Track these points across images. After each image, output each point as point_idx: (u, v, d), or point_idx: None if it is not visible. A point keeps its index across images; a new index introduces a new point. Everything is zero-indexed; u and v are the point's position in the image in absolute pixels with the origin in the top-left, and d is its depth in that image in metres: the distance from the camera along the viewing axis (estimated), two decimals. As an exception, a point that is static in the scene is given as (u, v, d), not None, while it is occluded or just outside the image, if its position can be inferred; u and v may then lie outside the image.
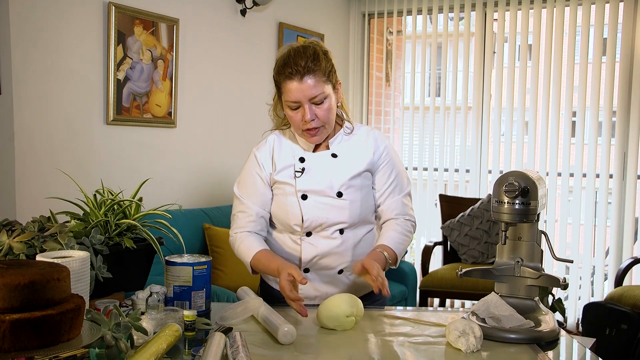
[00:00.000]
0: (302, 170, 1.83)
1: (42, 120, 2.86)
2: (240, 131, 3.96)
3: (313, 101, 1.73)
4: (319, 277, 1.87)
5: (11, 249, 1.47)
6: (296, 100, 1.74)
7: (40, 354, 1.07)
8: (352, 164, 1.84)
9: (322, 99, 1.74)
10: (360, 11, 5.16)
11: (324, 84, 1.74)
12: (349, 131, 1.89)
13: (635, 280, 4.37)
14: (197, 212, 3.51)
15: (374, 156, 1.87)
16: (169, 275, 1.69)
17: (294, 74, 1.72)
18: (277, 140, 1.91)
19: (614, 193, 4.36)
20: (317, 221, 1.81)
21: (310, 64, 1.72)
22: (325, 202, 1.81)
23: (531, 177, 1.58)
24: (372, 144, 1.88)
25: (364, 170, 1.85)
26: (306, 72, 1.71)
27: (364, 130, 1.91)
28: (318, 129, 1.78)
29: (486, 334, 1.49)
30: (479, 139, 4.76)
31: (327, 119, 1.78)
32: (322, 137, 1.82)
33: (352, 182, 1.83)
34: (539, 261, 1.66)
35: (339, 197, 1.81)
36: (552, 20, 4.46)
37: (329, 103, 1.77)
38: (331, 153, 1.86)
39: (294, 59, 1.73)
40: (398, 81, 5.39)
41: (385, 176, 1.88)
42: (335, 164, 1.84)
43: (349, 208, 1.82)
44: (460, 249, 4.21)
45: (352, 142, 1.88)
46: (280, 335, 1.45)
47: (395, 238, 1.82)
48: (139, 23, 3.26)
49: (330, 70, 1.77)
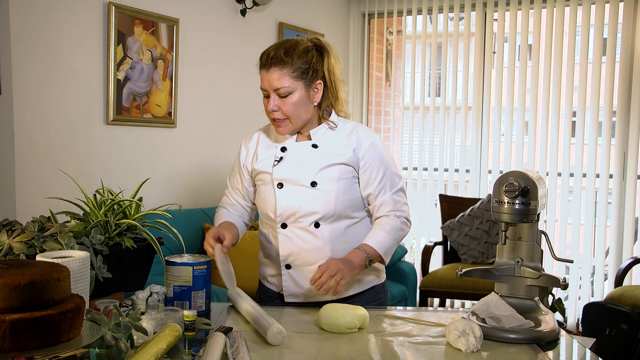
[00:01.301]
0: (280, 159, 1.87)
1: (42, 120, 2.86)
2: (240, 131, 3.94)
3: (277, 92, 1.78)
4: (301, 274, 1.86)
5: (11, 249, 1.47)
6: (263, 88, 1.80)
7: (40, 354, 1.07)
8: (330, 155, 1.84)
9: (286, 92, 1.77)
10: (360, 11, 5.16)
11: (293, 79, 1.77)
12: (334, 126, 1.88)
13: (635, 280, 4.37)
14: (197, 212, 3.51)
15: (354, 153, 1.84)
16: (169, 275, 1.69)
17: (263, 63, 1.79)
18: (264, 132, 1.97)
19: (614, 193, 4.36)
20: (290, 210, 1.83)
21: (280, 56, 1.76)
22: (300, 191, 1.82)
23: (531, 177, 1.58)
24: (354, 140, 1.85)
25: (341, 163, 1.83)
26: (273, 64, 1.76)
27: (350, 126, 1.89)
28: (282, 120, 1.81)
29: (486, 334, 1.49)
30: (479, 139, 4.76)
31: (291, 113, 1.79)
32: (287, 129, 1.83)
33: (328, 173, 1.82)
34: (539, 261, 1.66)
35: (313, 187, 1.81)
36: (552, 20, 4.46)
37: (295, 99, 1.78)
38: (312, 143, 1.86)
39: (269, 48, 1.80)
40: (398, 81, 5.39)
41: (374, 174, 1.85)
42: (314, 154, 1.85)
43: (323, 198, 1.81)
44: (460, 249, 4.21)
45: (335, 135, 1.87)
46: (269, 336, 1.44)
47: (381, 236, 1.81)
48: (139, 23, 3.26)
49: (304, 68, 1.78)
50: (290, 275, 1.88)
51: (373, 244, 1.79)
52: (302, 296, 1.89)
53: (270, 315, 1.54)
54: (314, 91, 1.82)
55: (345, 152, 1.84)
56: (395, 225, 1.84)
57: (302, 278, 1.87)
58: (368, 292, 1.92)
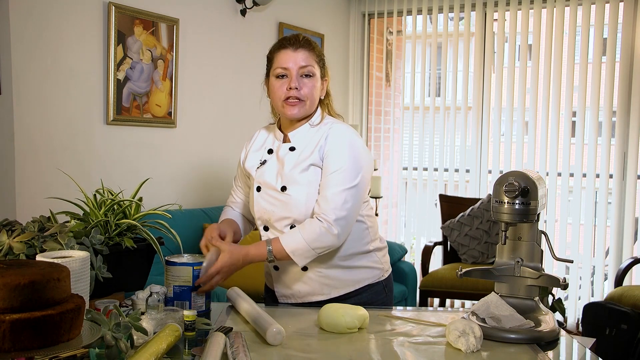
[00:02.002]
0: (264, 162, 1.89)
1: (42, 120, 2.86)
2: (240, 131, 3.95)
3: (302, 71, 1.80)
4: (288, 275, 1.86)
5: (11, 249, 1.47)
6: (285, 66, 1.80)
7: (40, 354, 1.07)
8: (303, 157, 1.81)
9: (311, 72, 1.81)
10: (360, 11, 5.16)
11: (316, 63, 1.83)
12: (317, 123, 1.86)
13: (635, 280, 4.37)
14: (197, 212, 3.51)
15: (320, 150, 1.80)
16: (169, 275, 1.69)
17: (291, 44, 1.81)
18: (260, 133, 2.00)
19: (614, 193, 4.36)
20: (266, 214, 1.85)
21: (308, 41, 1.84)
22: (273, 195, 1.83)
23: (531, 177, 1.58)
24: (324, 138, 1.81)
25: (310, 164, 1.79)
26: (301, 46, 1.81)
27: (328, 125, 1.85)
28: (299, 101, 1.80)
29: (486, 334, 1.49)
30: (479, 139, 4.76)
31: (309, 95, 1.81)
32: (300, 112, 1.82)
33: (297, 178, 1.80)
34: (539, 261, 1.66)
35: (283, 192, 1.81)
36: (552, 20, 4.46)
37: (315, 83, 1.83)
38: (290, 146, 1.86)
39: (292, 35, 1.85)
40: (398, 81, 5.39)
41: (327, 167, 1.77)
42: (291, 157, 1.84)
43: (293, 203, 1.79)
44: (460, 249, 4.21)
45: (312, 136, 1.84)
46: (269, 336, 1.44)
47: (293, 236, 1.73)
48: (139, 23, 3.26)
49: (322, 59, 1.86)
50: (279, 277, 1.89)
51: (283, 242, 1.73)
52: (292, 297, 1.89)
53: (269, 315, 1.54)
54: (322, 84, 1.88)
55: (316, 151, 1.81)
56: (314, 232, 1.71)
57: (289, 279, 1.87)
58: (366, 293, 1.89)
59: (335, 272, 1.85)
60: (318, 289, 1.85)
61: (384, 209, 5.17)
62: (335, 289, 1.85)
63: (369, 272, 1.90)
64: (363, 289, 1.89)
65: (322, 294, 1.85)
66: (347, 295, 1.86)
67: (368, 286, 1.90)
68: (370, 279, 1.90)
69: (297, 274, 1.85)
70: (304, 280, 1.86)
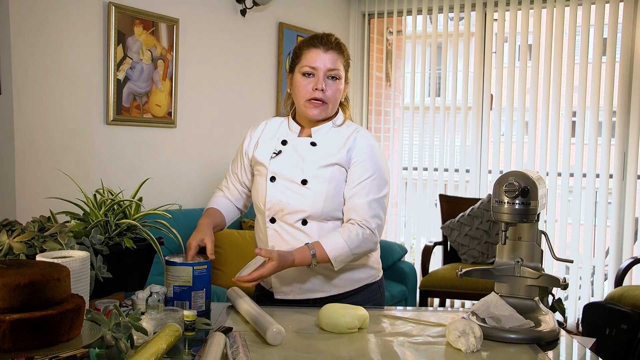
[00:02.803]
0: (279, 153, 1.87)
1: (42, 120, 2.86)
2: (240, 131, 3.94)
3: (329, 74, 1.82)
4: (291, 271, 1.85)
5: (11, 249, 1.47)
6: (314, 65, 1.81)
7: (40, 354, 1.07)
8: (326, 155, 1.83)
9: (337, 75, 1.83)
10: (360, 11, 5.16)
11: (343, 67, 1.86)
12: (340, 123, 1.90)
13: (635, 280, 4.37)
14: (197, 212, 3.51)
15: (348, 153, 1.82)
16: (169, 276, 1.69)
17: (322, 44, 1.83)
18: (270, 122, 1.99)
19: (614, 193, 4.36)
20: (279, 205, 1.83)
21: (338, 45, 1.85)
22: (290, 187, 1.82)
23: (531, 177, 1.58)
24: (352, 141, 1.84)
25: (335, 163, 1.81)
26: (333, 48, 1.83)
27: (352, 128, 1.89)
28: (323, 103, 1.82)
29: (486, 334, 1.49)
30: (479, 139, 4.76)
31: (333, 98, 1.84)
32: (321, 113, 1.84)
33: (320, 173, 1.81)
34: (539, 261, 1.66)
35: (304, 185, 1.81)
36: (552, 20, 4.46)
37: (340, 86, 1.85)
38: (311, 141, 1.86)
39: (325, 35, 1.85)
40: (398, 81, 5.39)
41: (357, 174, 1.81)
42: (312, 152, 1.84)
43: (312, 198, 1.79)
44: (460, 249, 4.21)
45: (335, 135, 1.87)
46: (269, 336, 1.44)
47: (338, 242, 1.74)
48: (139, 23, 3.26)
49: (349, 63, 1.91)
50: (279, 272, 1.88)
51: (326, 248, 1.74)
52: (290, 293, 1.88)
53: (269, 315, 1.54)
54: (345, 87, 1.91)
55: (341, 152, 1.83)
56: (357, 237, 1.76)
57: (290, 275, 1.86)
58: (363, 292, 1.90)
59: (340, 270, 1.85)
60: (319, 286, 1.86)
61: (384, 209, 5.16)
62: (335, 287, 1.86)
63: (367, 272, 1.92)
64: (361, 289, 1.90)
65: (323, 291, 1.86)
66: (346, 294, 1.87)
67: (365, 286, 1.91)
68: (368, 279, 1.92)
69: (300, 269, 1.84)
70: (307, 277, 1.86)
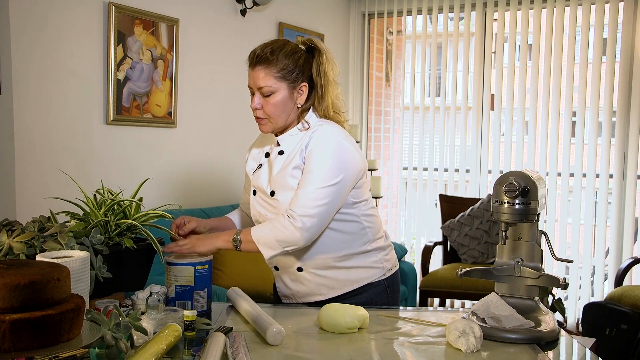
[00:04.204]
0: (260, 166, 1.90)
1: (42, 120, 2.86)
2: (240, 131, 3.95)
3: (260, 91, 1.79)
4: (287, 275, 1.88)
5: (11, 249, 1.47)
6: (249, 85, 1.83)
7: (40, 354, 1.07)
8: (287, 162, 1.80)
9: (269, 92, 1.78)
10: (360, 11, 5.16)
11: (276, 79, 1.77)
12: (304, 128, 1.82)
13: (635, 280, 4.37)
14: (197, 212, 3.51)
15: (302, 153, 1.78)
16: (170, 275, 1.69)
17: (250, 61, 1.81)
18: (260, 136, 2.00)
19: (614, 193, 4.36)
20: (261, 217, 1.87)
21: (266, 55, 1.78)
22: (265, 200, 1.85)
23: (531, 177, 1.58)
24: (307, 139, 1.78)
25: (294, 167, 1.77)
26: (258, 62, 1.79)
27: (316, 127, 1.81)
28: (263, 119, 1.82)
29: (486, 334, 1.49)
30: (479, 139, 4.76)
31: (271, 113, 1.80)
32: (267, 128, 1.84)
33: (284, 182, 1.78)
34: (539, 261, 1.66)
35: (272, 196, 1.81)
36: (552, 20, 4.46)
37: (277, 99, 1.78)
38: (279, 150, 1.85)
39: (257, 47, 1.82)
40: (398, 81, 5.39)
41: (304, 170, 1.76)
42: (279, 161, 1.83)
43: (280, 208, 1.79)
44: (460, 249, 4.21)
45: (300, 138, 1.81)
46: (269, 336, 1.44)
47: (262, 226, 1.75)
48: (139, 23, 3.26)
49: (292, 68, 1.77)
50: (279, 277, 1.92)
51: (252, 230, 1.76)
52: (292, 297, 1.91)
53: (269, 315, 1.54)
54: (298, 93, 1.81)
55: (298, 154, 1.79)
56: (280, 224, 1.71)
57: (288, 280, 1.89)
58: (366, 292, 1.87)
59: (331, 272, 1.84)
60: (315, 289, 1.85)
61: (384, 209, 5.17)
62: (332, 289, 1.84)
63: (368, 272, 1.87)
64: (362, 289, 1.86)
65: (320, 294, 1.85)
66: (346, 295, 1.85)
67: (368, 285, 1.87)
68: (370, 278, 1.87)
69: (293, 274, 1.87)
70: (301, 281, 1.86)
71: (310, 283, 1.85)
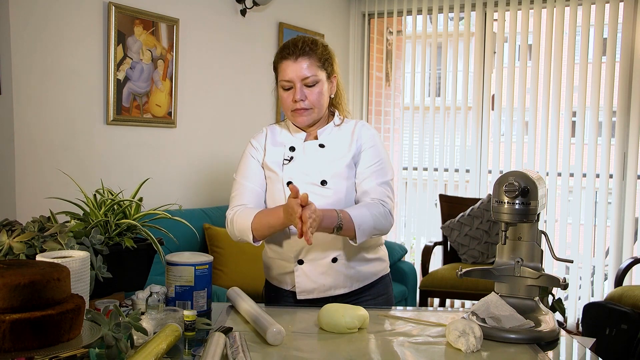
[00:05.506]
0: (291, 159, 1.90)
1: (42, 120, 2.86)
2: (240, 131, 3.96)
3: (305, 82, 1.82)
4: (313, 268, 1.87)
5: (11, 249, 1.47)
6: (289, 79, 1.83)
7: (40, 354, 1.07)
8: (338, 154, 1.88)
9: (314, 81, 1.83)
10: (360, 11, 5.16)
11: (318, 69, 1.84)
12: (339, 123, 1.93)
13: (635, 280, 4.37)
14: (197, 212, 3.51)
15: (357, 144, 1.89)
16: (170, 275, 1.69)
17: (290, 54, 1.83)
18: (271, 130, 1.99)
19: (614, 193, 4.36)
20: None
21: (306, 48, 1.83)
22: (309, 189, 1.82)
23: (531, 177, 1.58)
24: (357, 134, 1.90)
25: (350, 160, 1.87)
26: (301, 54, 1.82)
27: (352, 124, 1.95)
28: (306, 110, 1.84)
29: (486, 334, 1.49)
30: (479, 139, 4.76)
31: (316, 103, 1.84)
32: (309, 119, 1.87)
33: (338, 172, 1.85)
34: (539, 261, 1.66)
35: (323, 186, 1.84)
36: (552, 20, 4.46)
37: (321, 88, 1.85)
38: (319, 143, 1.90)
39: (293, 42, 1.85)
40: (398, 81, 5.39)
41: (365, 161, 1.87)
42: (323, 153, 1.88)
43: (332, 197, 1.83)
44: (460, 249, 4.21)
45: (340, 134, 1.92)
46: (269, 336, 1.44)
47: (363, 213, 1.74)
48: (139, 23, 3.26)
49: (326, 58, 1.87)
50: (303, 271, 1.88)
51: (352, 214, 1.71)
52: (315, 291, 1.88)
53: (269, 315, 1.54)
54: (331, 83, 1.90)
55: (352, 147, 1.88)
56: (379, 212, 1.77)
57: (314, 273, 1.87)
58: (379, 285, 1.96)
59: (360, 264, 1.90)
60: (342, 281, 1.88)
61: (384, 209, 5.16)
62: (357, 281, 1.90)
63: (381, 265, 1.98)
64: (377, 282, 1.95)
65: (345, 287, 1.88)
66: (364, 288, 1.92)
67: (381, 278, 1.97)
68: (382, 271, 1.98)
69: (324, 266, 1.87)
70: (330, 273, 1.87)
71: (339, 275, 1.88)
